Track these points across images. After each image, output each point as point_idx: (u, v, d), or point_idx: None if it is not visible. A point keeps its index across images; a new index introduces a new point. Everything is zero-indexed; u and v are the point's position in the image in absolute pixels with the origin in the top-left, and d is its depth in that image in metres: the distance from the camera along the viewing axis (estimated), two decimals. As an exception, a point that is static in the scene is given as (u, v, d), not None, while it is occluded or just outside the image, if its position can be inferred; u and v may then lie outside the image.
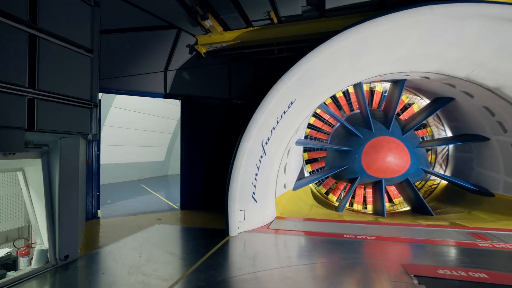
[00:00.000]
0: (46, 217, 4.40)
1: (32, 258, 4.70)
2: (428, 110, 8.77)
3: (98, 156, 7.61)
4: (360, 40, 5.45)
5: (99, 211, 7.71)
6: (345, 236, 5.85)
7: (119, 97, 13.36)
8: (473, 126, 8.25)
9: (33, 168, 4.60)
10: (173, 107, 17.38)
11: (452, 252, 5.05)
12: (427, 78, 7.30)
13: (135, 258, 4.75)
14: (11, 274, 4.09)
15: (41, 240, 4.58)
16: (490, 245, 5.19)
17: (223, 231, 6.08)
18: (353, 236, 5.81)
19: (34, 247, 4.95)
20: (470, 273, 4.05)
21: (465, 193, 8.77)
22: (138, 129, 15.64)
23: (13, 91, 3.58)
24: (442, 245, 5.36)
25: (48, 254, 4.43)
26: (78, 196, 4.83)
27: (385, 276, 4.03)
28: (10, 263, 4.43)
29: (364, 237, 5.78)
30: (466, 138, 8.44)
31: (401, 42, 5.58)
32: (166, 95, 8.00)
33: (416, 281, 3.80)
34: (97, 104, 4.93)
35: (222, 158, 8.40)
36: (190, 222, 7.18)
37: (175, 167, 19.57)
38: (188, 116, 8.55)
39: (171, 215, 7.87)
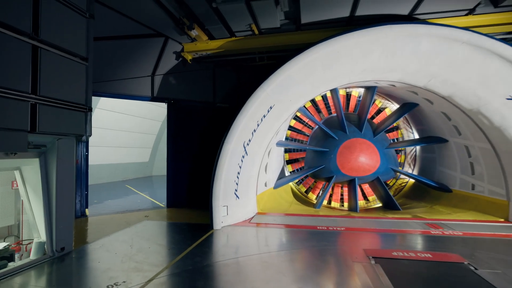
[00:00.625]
0: (43, 212, 4.81)
1: (22, 254, 5.08)
2: (396, 114, 9.71)
3: (87, 156, 7.96)
4: (331, 53, 6.19)
5: (87, 210, 8.05)
6: (318, 227, 6.56)
7: (104, 99, 13.57)
8: (435, 129, 9.23)
9: (30, 167, 5.00)
10: (158, 108, 17.68)
11: (408, 239, 5.86)
12: (394, 85, 8.18)
13: (126, 249, 5.23)
14: (11, 265, 4.48)
15: (38, 234, 4.97)
16: (440, 233, 6.05)
17: (207, 225, 6.64)
18: (325, 228, 6.54)
19: (25, 244, 5.33)
20: (418, 254, 4.85)
21: (429, 189, 9.75)
22: (123, 130, 15.85)
23: (18, 97, 4.01)
24: (400, 233, 6.19)
25: (45, 246, 4.84)
26: (73, 193, 5.25)
27: (348, 258, 4.74)
28: (8, 256, 4.78)
29: (335, 228, 6.52)
30: (429, 140, 9.43)
31: (366, 55, 6.37)
32: (153, 99, 8.46)
33: (373, 262, 4.54)
34: (91, 108, 5.36)
35: (206, 158, 8.93)
36: (176, 219, 7.68)
37: (160, 168, 19.86)
38: (174, 119, 9.03)
39: (158, 213, 8.33)
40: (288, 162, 11.63)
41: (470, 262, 4.47)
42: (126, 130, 16.16)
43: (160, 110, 18.24)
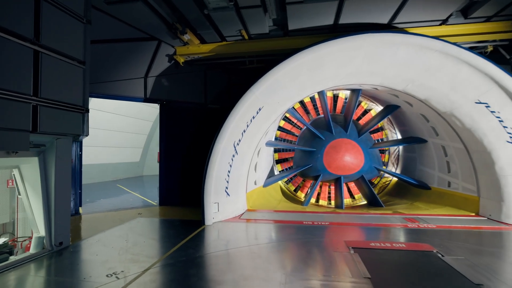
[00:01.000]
0: (43, 208, 5.07)
1: (17, 251, 5.32)
2: (379, 116, 10.27)
3: (80, 156, 8.18)
4: (316, 58, 6.63)
5: (80, 208, 8.27)
6: (304, 222, 7.00)
7: (95, 99, 13.70)
8: (415, 130, 9.81)
9: (29, 166, 5.24)
10: (149, 108, 17.84)
11: (386, 232, 6.35)
12: (376, 89, 8.70)
13: (122, 243, 5.53)
14: (13, 258, 4.73)
15: (37, 229, 5.23)
16: (416, 226, 6.57)
17: (199, 221, 6.98)
18: (311, 223, 6.98)
19: (20, 241, 5.56)
20: (394, 244, 5.33)
21: (411, 187, 10.33)
22: (114, 130, 15.96)
23: (20, 99, 4.28)
24: (380, 227, 6.68)
25: (44, 241, 5.10)
26: (70, 191, 5.51)
27: (330, 249, 5.18)
28: (7, 250, 5.02)
29: (320, 223, 6.97)
30: (410, 140, 10.01)
31: (349, 61, 6.84)
32: (146, 100, 8.74)
33: (352, 251, 4.99)
34: (88, 109, 5.64)
35: (198, 158, 9.26)
36: (169, 216, 7.99)
37: (150, 168, 20.01)
38: (166, 119, 9.33)
39: (151, 210, 8.61)
40: (278, 161, 12.06)
41: (439, 250, 4.97)
42: (117, 130, 16.28)
43: (151, 110, 18.42)
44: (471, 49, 8.09)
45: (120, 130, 16.62)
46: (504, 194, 6.72)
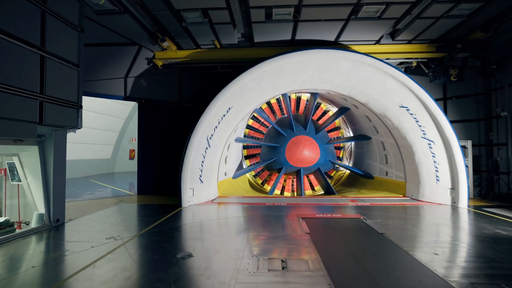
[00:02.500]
0: (42, 190, 6.02)
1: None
2: (334, 116, 12.11)
3: (63, 148, 8.95)
4: (277, 67, 8.16)
5: (62, 197, 9.03)
6: (266, 204, 8.50)
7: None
8: (363, 129, 11.77)
9: (28, 154, 6.17)
10: (120, 106, 18.40)
11: (330, 208, 8.03)
12: (329, 93, 10.45)
13: (112, 220, 6.62)
14: (18, 230, 5.65)
15: (36, 208, 6.16)
16: (355, 204, 8.36)
17: (176, 205, 8.19)
18: (272, 204, 8.50)
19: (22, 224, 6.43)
20: (333, 215, 6.99)
21: (359, 177, 12.29)
22: (85, 126, 16.32)
23: (30, 96, 5.27)
24: (327, 205, 8.37)
25: (44, 218, 6.05)
26: (65, 175, 6.48)
27: (284, 219, 6.70)
28: (9, 225, 5.90)
29: (280, 204, 8.51)
30: (358, 137, 11.97)
31: (304, 71, 8.45)
32: (126, 98, 9.72)
33: (300, 220, 6.54)
34: (82, 105, 6.63)
35: (173, 151, 10.41)
36: (148, 201, 9.06)
37: (121, 165, 20.48)
38: (144, 116, 10.37)
39: (130, 198, 9.62)
40: (246, 157, 13.50)
41: (364, 217, 6.70)
42: (89, 127, 16.65)
43: (122, 107, 18.96)
44: (400, 64, 10.23)
45: (92, 127, 17.00)
46: (420, 179, 8.74)
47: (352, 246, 4.96)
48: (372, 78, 8.27)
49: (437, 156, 8.29)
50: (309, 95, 13.20)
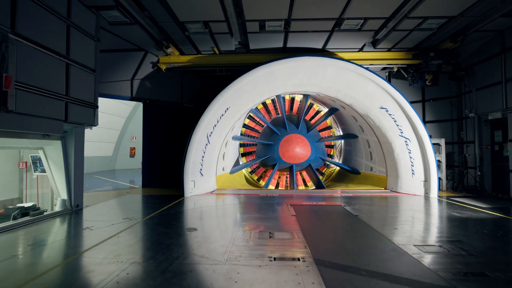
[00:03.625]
0: (65, 179, 7.03)
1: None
2: (324, 116, 13.19)
3: (75, 144, 9.94)
4: (269, 72, 9.23)
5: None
6: (260, 194, 9.57)
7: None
8: (350, 128, 12.87)
9: (52, 147, 7.16)
10: (122, 105, 19.36)
11: (318, 198, 9.11)
12: (319, 95, 11.54)
13: (124, 206, 7.64)
14: (46, 213, 6.66)
15: (58, 194, 7.16)
16: (340, 195, 9.45)
17: (179, 196, 9.22)
18: (265, 194, 9.57)
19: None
20: (318, 203, 8.07)
21: (347, 173, 13.40)
22: (88, 125, 17.28)
23: (58, 97, 6.28)
24: (314, 196, 9.45)
25: (66, 203, 7.06)
26: (83, 166, 7.49)
27: (274, 206, 7.76)
28: (37, 209, 6.90)
29: (272, 194, 9.57)
30: (346, 136, 13.07)
31: (294, 75, 9.52)
32: (132, 98, 10.73)
33: (289, 206, 7.61)
34: (98, 106, 7.64)
35: (174, 148, 11.42)
36: (152, 193, 10.08)
37: (122, 162, 21.43)
38: (149, 115, 11.38)
39: (136, 191, 10.63)
40: (243, 155, 14.56)
41: (345, 205, 7.79)
42: (91, 125, 17.61)
43: (124, 107, 19.91)
44: (383, 69, 11.35)
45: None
46: (399, 173, 9.85)
47: (329, 224, 6.04)
48: (355, 82, 9.36)
49: (412, 152, 9.40)
50: (302, 96, 14.29)
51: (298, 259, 3.94)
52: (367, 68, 9.14)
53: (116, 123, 20.12)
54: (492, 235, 5.08)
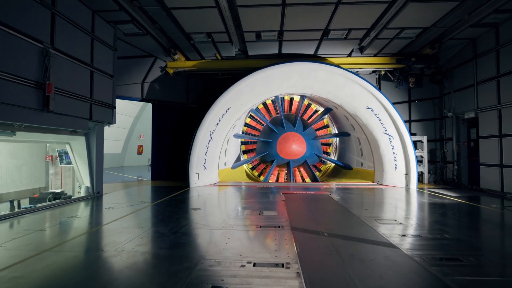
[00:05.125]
0: (88, 169, 8.33)
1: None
2: (320, 115, 14.35)
3: (92, 141, 11.28)
4: (266, 76, 10.44)
5: (91, 181, 11.36)
6: (258, 186, 10.78)
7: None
8: (344, 127, 14.01)
9: (77, 142, 8.48)
10: (131, 105, 20.73)
11: (309, 188, 10.27)
12: (313, 96, 12.70)
13: (137, 193, 8.93)
14: (73, 197, 7.97)
15: (82, 182, 8.48)
16: (330, 187, 10.61)
17: (184, 186, 10.48)
18: (263, 186, 10.78)
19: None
20: (307, 192, 9.25)
21: (341, 169, 14.53)
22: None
23: (85, 100, 7.58)
24: (307, 187, 10.64)
25: (89, 190, 8.37)
26: (103, 158, 8.79)
27: (269, 194, 8.96)
28: (65, 194, 8.21)
29: (269, 186, 10.78)
30: (338, 134, 14.21)
31: (288, 78, 10.71)
32: (142, 99, 12.04)
33: (281, 194, 8.81)
34: (115, 106, 8.93)
35: (180, 144, 12.69)
36: (161, 184, 11.37)
37: (130, 159, 22.85)
38: (157, 115, 12.68)
39: (146, 182, 11.94)
40: (244, 152, 15.79)
41: (330, 193, 8.96)
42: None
43: (132, 106, 21.30)
44: (373, 72, 12.45)
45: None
46: (384, 167, 10.97)
47: (311, 206, 7.23)
48: (343, 85, 10.51)
49: (395, 148, 10.52)
50: (299, 97, 15.46)
51: (279, 227, 5.15)
52: (353, 72, 10.29)
53: (125, 122, 21.53)
54: (442, 213, 6.22)
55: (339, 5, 7.42)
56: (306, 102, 14.72)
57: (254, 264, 3.43)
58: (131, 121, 22.13)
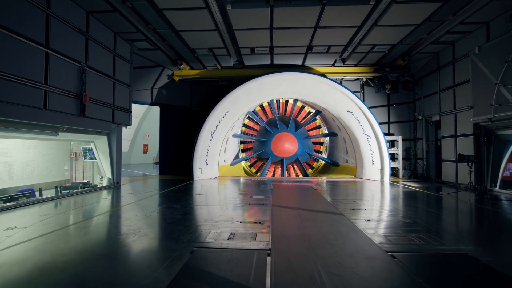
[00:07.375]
0: (109, 164, 10.16)
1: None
2: (310, 117, 16.14)
3: (108, 140, 13.12)
4: (259, 84, 12.23)
5: (107, 175, 13.21)
6: (253, 179, 12.59)
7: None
8: (332, 127, 15.78)
9: (100, 141, 10.32)
10: (137, 106, 22.60)
11: (297, 181, 12.06)
12: (303, 100, 14.47)
13: (149, 185, 10.76)
14: (99, 186, 9.82)
15: (104, 174, 10.33)
16: (315, 180, 12.39)
17: (189, 179, 12.31)
18: (258, 179, 12.58)
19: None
20: (294, 184, 11.04)
21: (330, 166, 16.31)
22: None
23: (109, 106, 9.40)
24: (296, 180, 12.43)
25: (110, 180, 10.21)
26: (121, 155, 10.62)
27: (262, 185, 10.76)
28: (91, 183, 10.03)
29: (264, 180, 12.58)
30: (327, 134, 15.99)
31: (279, 85, 12.49)
32: (151, 103, 13.88)
33: (272, 184, 10.61)
34: (131, 111, 10.76)
35: (185, 143, 14.50)
36: (168, 178, 13.20)
37: (136, 158, 24.70)
38: (165, 117, 14.53)
39: (154, 176, 13.78)
40: (243, 150, 17.58)
41: (313, 184, 10.74)
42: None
43: (138, 107, 23.14)
44: (356, 79, 14.22)
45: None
46: (363, 163, 12.73)
47: (293, 193, 9.01)
48: (327, 91, 12.29)
49: (372, 147, 12.29)
50: (293, 100, 17.23)
51: (263, 205, 6.95)
52: (334, 80, 12.08)
53: (132, 122, 23.39)
54: (394, 197, 7.99)
55: (317, 28, 9.21)
56: (299, 104, 16.51)
57: (241, 222, 5.24)
58: (137, 122, 24.00)
